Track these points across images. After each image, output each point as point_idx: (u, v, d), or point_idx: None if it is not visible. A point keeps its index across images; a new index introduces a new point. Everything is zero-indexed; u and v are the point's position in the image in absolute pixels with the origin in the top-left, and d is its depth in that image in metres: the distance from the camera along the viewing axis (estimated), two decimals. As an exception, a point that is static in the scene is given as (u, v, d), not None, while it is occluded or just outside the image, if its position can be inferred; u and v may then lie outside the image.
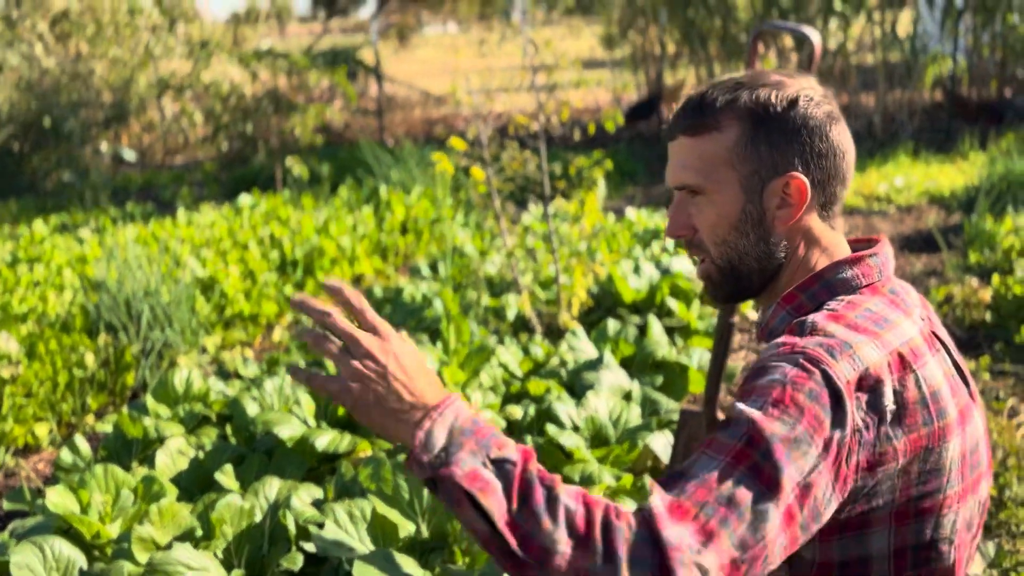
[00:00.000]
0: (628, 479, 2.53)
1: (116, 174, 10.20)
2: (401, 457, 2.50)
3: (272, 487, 2.53)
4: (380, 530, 2.18)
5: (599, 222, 3.83)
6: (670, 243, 5.20)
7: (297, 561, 2.25)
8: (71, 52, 10.47)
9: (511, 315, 4.25)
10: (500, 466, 0.90)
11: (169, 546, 2.31)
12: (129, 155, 11.17)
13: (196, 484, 2.79)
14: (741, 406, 0.96)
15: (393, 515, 2.17)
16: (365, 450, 2.80)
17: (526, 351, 3.61)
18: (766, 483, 0.91)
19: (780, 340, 1.03)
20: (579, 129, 4.22)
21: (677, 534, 0.87)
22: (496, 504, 0.88)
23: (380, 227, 6.01)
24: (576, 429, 2.72)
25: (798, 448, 0.93)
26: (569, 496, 0.89)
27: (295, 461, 2.74)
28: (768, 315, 1.16)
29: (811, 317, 1.06)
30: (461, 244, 5.41)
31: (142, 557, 2.27)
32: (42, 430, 3.49)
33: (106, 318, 3.99)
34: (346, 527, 2.19)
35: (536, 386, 3.09)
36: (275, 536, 2.41)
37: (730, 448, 0.93)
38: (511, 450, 0.92)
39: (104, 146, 10.59)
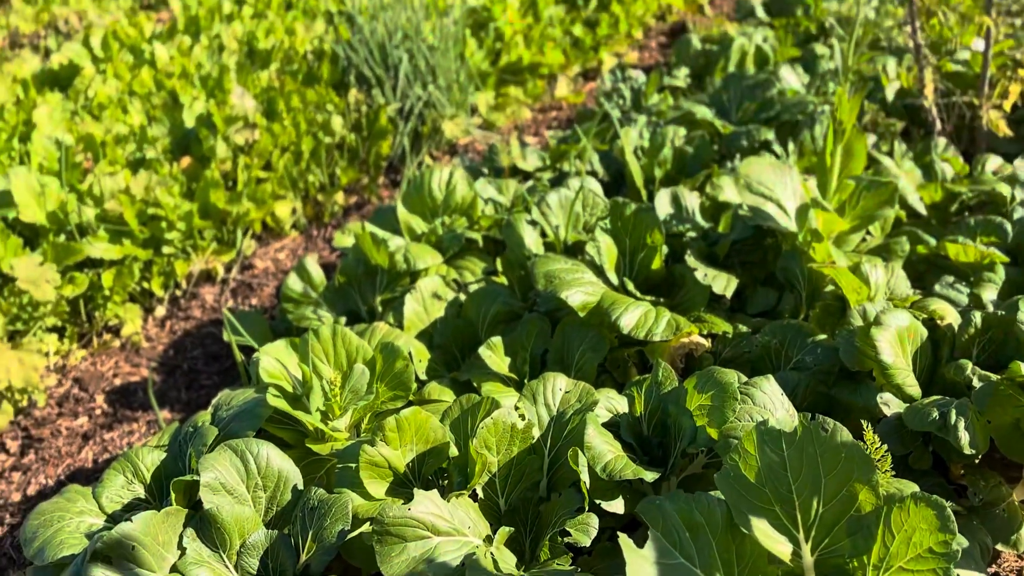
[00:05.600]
0: None
1: None
2: (755, 420, 1.55)
3: (556, 389, 1.72)
4: (731, 554, 1.30)
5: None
6: None
7: (588, 534, 1.47)
8: None
9: (890, 94, 2.96)
10: None
11: (409, 481, 1.60)
12: None
13: (454, 341, 2.05)
14: None
15: (762, 532, 1.27)
16: (691, 334, 1.87)
17: (927, 170, 2.40)
18: None
19: None
20: None
21: None
22: None
23: (696, -59, 4.60)
24: (1058, 363, 1.60)
25: None
26: None
27: (590, 340, 1.88)
28: None
29: None
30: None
31: (375, 489, 1.59)
32: (283, 210, 2.88)
33: (357, 67, 3.19)
34: (676, 533, 1.32)
35: (961, 250, 1.94)
36: (557, 477, 1.63)
37: None
38: None
39: None
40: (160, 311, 2.61)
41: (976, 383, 1.60)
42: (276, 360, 1.85)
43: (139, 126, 2.92)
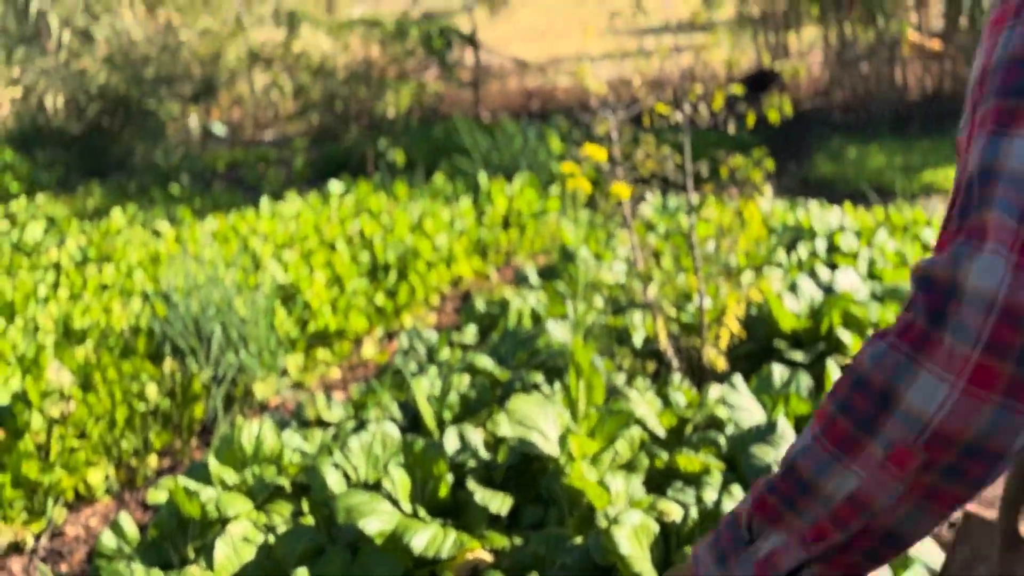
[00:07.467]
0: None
1: (204, 150, 9.87)
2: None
3: (356, 610, 1.94)
4: None
5: (761, 238, 3.10)
6: (852, 242, 4.36)
7: None
8: (160, 23, 10.15)
9: (638, 341, 3.57)
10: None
11: None
12: (219, 129, 10.84)
13: (264, 581, 2.23)
14: None
15: None
16: (474, 550, 2.18)
17: (665, 400, 2.93)
18: None
19: None
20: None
21: None
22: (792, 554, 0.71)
23: (480, 221, 5.37)
24: (755, 541, 2.03)
25: None
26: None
27: (386, 564, 2.13)
28: None
29: None
30: (573, 246, 4.72)
31: None
32: (96, 477, 3.00)
33: (173, 339, 3.48)
34: None
35: (688, 461, 2.40)
36: None
37: None
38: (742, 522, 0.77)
39: (193, 121, 10.27)
40: (-39, 587, 2.60)
41: (697, 564, 1.98)
42: (90, 611, 1.96)
43: (-51, 405, 3.01)
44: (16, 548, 2.77)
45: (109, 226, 5.51)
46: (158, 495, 2.50)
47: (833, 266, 4.16)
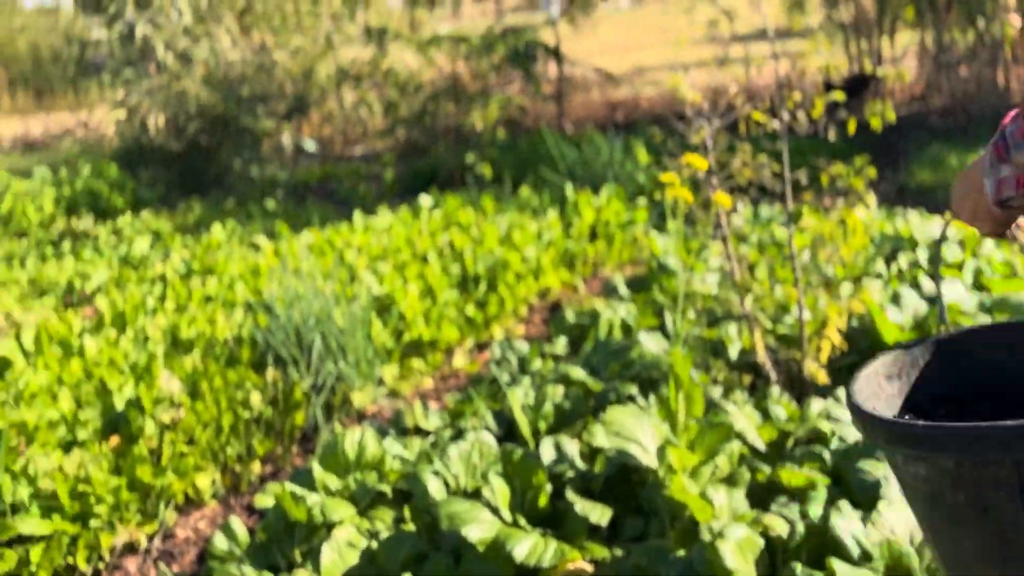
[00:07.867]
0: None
1: (297, 166, 10.16)
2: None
3: (460, 617, 1.97)
4: None
5: (863, 248, 3.02)
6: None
7: None
8: (254, 43, 10.50)
9: (733, 353, 3.51)
10: None
11: None
12: (310, 146, 11.14)
13: (368, 586, 2.28)
14: None
15: None
16: (574, 560, 2.18)
17: (764, 413, 2.87)
18: None
19: None
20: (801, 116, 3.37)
21: None
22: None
23: (567, 233, 5.38)
24: (867, 559, 1.98)
25: None
26: None
27: (488, 572, 2.15)
28: None
29: None
30: (662, 255, 4.69)
31: None
32: (204, 481, 3.11)
33: (275, 349, 3.59)
34: None
35: (792, 476, 2.36)
36: None
37: None
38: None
39: (286, 137, 10.59)
40: (82, 584, 2.73)
41: (805, 580, 1.94)
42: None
43: (70, 412, 3.18)
44: (131, 548, 2.90)
45: (210, 240, 5.72)
46: (265, 500, 2.58)
47: (936, 276, 4.02)
